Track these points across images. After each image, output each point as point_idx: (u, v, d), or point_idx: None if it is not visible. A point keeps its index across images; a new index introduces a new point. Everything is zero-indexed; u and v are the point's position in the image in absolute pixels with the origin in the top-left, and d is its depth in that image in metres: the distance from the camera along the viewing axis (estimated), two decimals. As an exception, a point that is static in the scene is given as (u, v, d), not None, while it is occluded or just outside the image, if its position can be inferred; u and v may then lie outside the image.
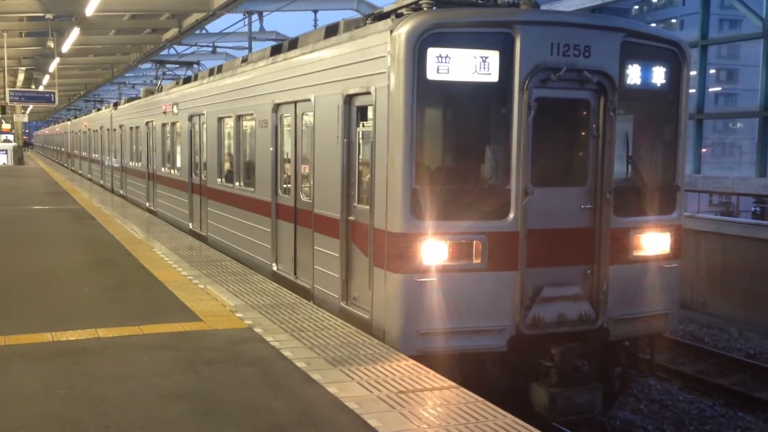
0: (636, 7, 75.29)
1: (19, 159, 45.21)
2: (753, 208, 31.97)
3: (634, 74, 7.34)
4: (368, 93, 7.21)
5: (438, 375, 5.80)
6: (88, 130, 33.50)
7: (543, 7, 9.33)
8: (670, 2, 74.90)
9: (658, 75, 7.51)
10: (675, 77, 7.60)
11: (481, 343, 6.85)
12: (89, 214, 16.86)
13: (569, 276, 7.13)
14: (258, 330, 7.00)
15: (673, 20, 73.92)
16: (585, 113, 7.19)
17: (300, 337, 6.75)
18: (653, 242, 7.52)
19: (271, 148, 9.95)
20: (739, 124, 62.85)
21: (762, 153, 14.25)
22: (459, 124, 7.24)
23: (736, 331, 12.63)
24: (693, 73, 9.06)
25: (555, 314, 7.01)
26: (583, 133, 7.27)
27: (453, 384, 5.61)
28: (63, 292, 8.76)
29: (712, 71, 59.22)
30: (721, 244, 13.15)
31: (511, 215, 6.87)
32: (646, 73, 7.41)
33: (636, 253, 7.44)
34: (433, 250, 6.69)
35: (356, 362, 6.05)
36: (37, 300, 8.36)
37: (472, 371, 6.73)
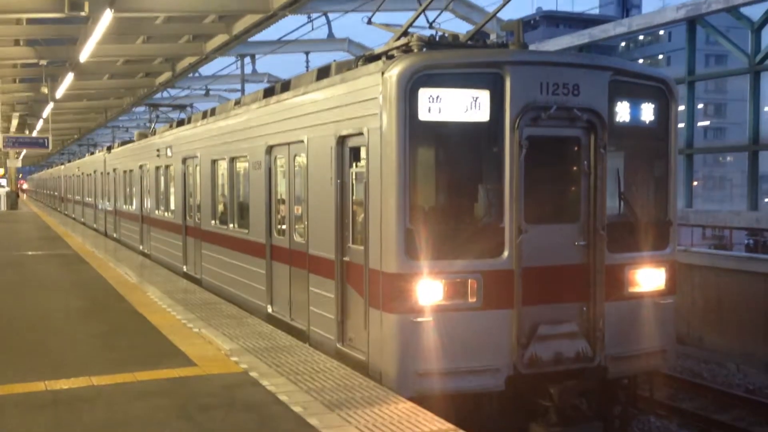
0: (623, 44, 76.43)
1: (12, 204, 45.15)
2: (746, 241, 32.07)
3: (623, 111, 7.43)
4: (361, 134, 7.26)
5: (436, 417, 5.74)
6: (82, 174, 33.56)
7: (531, 47, 9.48)
8: (656, 39, 76.08)
9: (647, 112, 7.60)
10: (663, 114, 7.70)
11: (479, 384, 6.80)
12: (82, 259, 16.79)
13: (565, 313, 7.11)
14: (254, 374, 6.93)
15: (660, 56, 75.02)
16: (576, 150, 7.25)
17: (296, 381, 6.68)
18: (648, 278, 7.52)
19: (265, 190, 9.97)
20: (729, 158, 63.37)
21: (753, 187, 14.34)
22: (451, 164, 7.28)
23: (734, 366, 12.56)
24: (681, 108, 9.17)
25: (552, 352, 6.97)
26: (574, 170, 7.32)
27: (451, 426, 5.55)
28: (56, 339, 8.67)
29: (700, 106, 59.89)
30: (716, 278, 13.15)
31: (506, 253, 6.88)
32: (634, 111, 7.51)
33: (631, 290, 7.44)
34: (429, 290, 6.68)
35: (353, 405, 5.98)
36: (30, 347, 8.28)
37: (471, 412, 6.67)
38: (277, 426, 5.56)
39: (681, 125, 8.93)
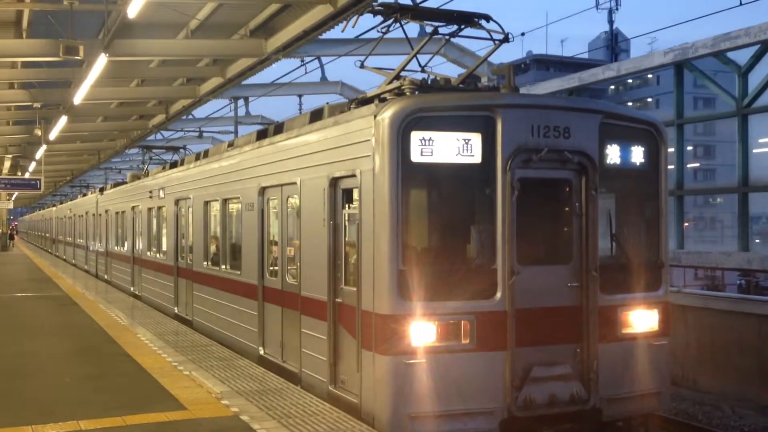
0: (612, 87, 77.45)
1: (2, 246, 44.92)
2: (738, 282, 32.11)
3: (613, 154, 7.51)
4: (353, 176, 7.30)
5: (429, 461, 5.67)
6: (73, 215, 33.49)
7: (522, 90, 9.61)
8: (644, 82, 77.13)
9: (637, 154, 7.68)
10: (653, 156, 7.78)
11: (472, 427, 6.73)
12: (73, 301, 16.66)
13: (559, 355, 7.08)
14: (245, 417, 6.84)
15: (649, 99, 75.97)
16: (567, 192, 7.30)
17: (288, 424, 6.60)
18: (641, 319, 7.51)
19: (258, 231, 9.97)
20: (719, 199, 63.76)
21: (743, 228, 14.41)
22: (444, 205, 7.32)
23: (729, 408, 12.48)
24: (671, 150, 9.26)
25: (546, 395, 6.92)
26: (566, 212, 7.36)
27: (445, 470, 5.47)
28: (44, 382, 8.56)
29: (690, 148, 60.41)
30: (709, 319, 13.13)
31: (499, 294, 6.87)
32: (625, 153, 7.59)
33: (624, 331, 7.42)
34: (422, 331, 6.65)
35: (345, 449, 5.90)
36: (17, 391, 8.17)
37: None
38: (268, 471, 5.48)
39: (671, 167, 9.02)
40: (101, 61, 15.26)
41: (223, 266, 11.76)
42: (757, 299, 13.92)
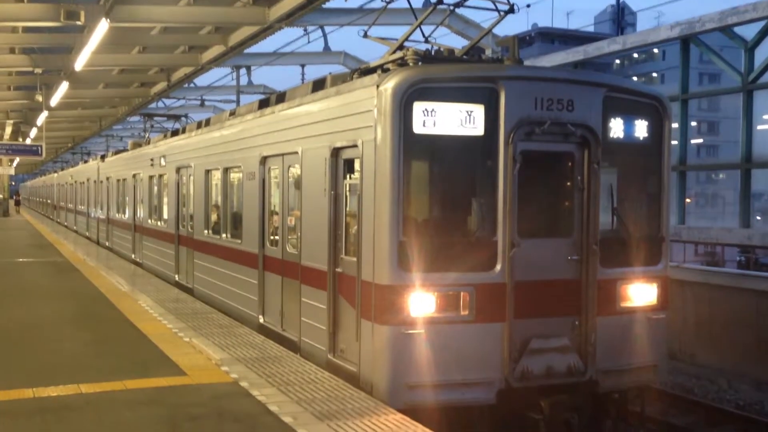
0: (617, 61, 76.90)
1: (3, 211, 45.00)
2: (738, 258, 32.21)
3: (616, 128, 7.47)
4: (355, 146, 7.27)
5: (427, 429, 5.73)
6: (75, 182, 33.49)
7: (526, 63, 9.54)
8: (650, 57, 76.56)
9: (640, 128, 7.64)
10: (657, 130, 7.74)
11: (470, 396, 6.79)
12: (74, 267, 16.73)
13: (557, 327, 7.12)
14: (244, 384, 6.91)
15: (654, 74, 75.48)
16: (569, 166, 7.28)
17: (287, 391, 6.66)
18: (640, 293, 7.53)
19: (259, 200, 9.97)
20: (721, 175, 63.66)
21: (745, 204, 14.40)
22: (445, 177, 7.30)
23: (725, 382, 12.58)
24: (675, 125, 9.21)
25: (544, 366, 6.97)
26: (568, 185, 7.34)
27: (442, 438, 5.53)
28: (45, 347, 8.63)
29: (694, 123, 60.15)
30: (708, 295, 13.19)
31: (498, 267, 6.89)
32: (628, 127, 7.54)
33: (623, 305, 7.45)
34: (421, 302, 6.68)
35: (344, 416, 5.96)
36: (18, 354, 8.24)
37: (461, 425, 6.65)
38: (267, 437, 5.54)
39: (674, 142, 8.99)
40: (102, 27, 15.15)
41: (224, 235, 11.79)
42: (756, 275, 13.96)
